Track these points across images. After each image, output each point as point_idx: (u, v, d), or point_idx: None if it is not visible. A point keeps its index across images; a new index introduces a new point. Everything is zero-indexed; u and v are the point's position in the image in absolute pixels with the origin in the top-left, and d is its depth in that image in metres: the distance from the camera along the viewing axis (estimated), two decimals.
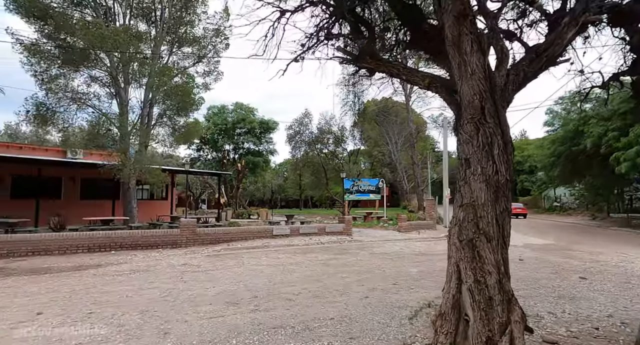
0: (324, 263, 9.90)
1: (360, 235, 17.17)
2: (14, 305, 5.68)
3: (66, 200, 18.21)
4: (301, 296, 6.32)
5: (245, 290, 6.76)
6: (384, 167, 39.92)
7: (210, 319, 5.06)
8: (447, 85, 4.59)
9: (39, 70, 15.81)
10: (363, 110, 15.28)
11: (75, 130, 18.24)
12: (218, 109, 40.12)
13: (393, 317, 5.14)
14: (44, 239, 11.36)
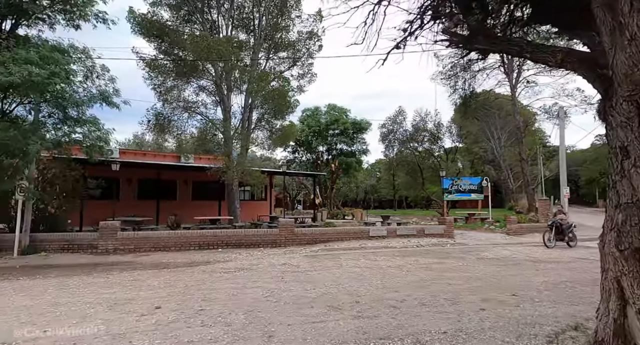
0: (427, 267, 9.24)
1: (463, 237, 15.93)
2: (139, 298, 6.17)
3: (180, 201, 20.04)
4: (406, 304, 5.84)
5: (345, 293, 6.50)
6: (486, 165, 36.94)
7: (313, 323, 4.87)
8: (588, 58, 3.77)
9: (157, 83, 17.61)
10: (462, 104, 14.11)
11: (187, 136, 19.99)
12: (312, 111, 41.05)
13: (520, 336, 4.41)
14: (163, 237, 12.51)
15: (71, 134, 11.45)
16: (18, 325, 4.68)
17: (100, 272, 8.65)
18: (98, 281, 7.61)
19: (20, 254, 11.07)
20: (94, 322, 4.83)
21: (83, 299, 6.01)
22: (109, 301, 5.89)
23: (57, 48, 10.87)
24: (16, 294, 6.51)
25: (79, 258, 10.98)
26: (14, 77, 9.13)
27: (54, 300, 5.96)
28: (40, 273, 8.65)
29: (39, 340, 4.15)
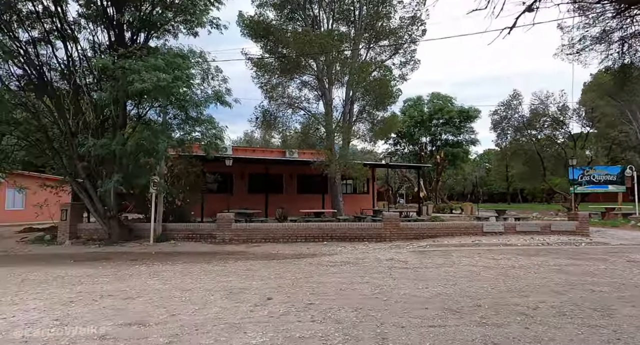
0: (559, 269, 7.99)
1: (601, 236, 13.67)
2: (252, 287, 6.35)
3: (287, 195, 20.84)
4: (540, 312, 5.00)
5: (463, 295, 5.85)
6: (628, 151, 31.41)
7: (430, 328, 4.40)
8: None
9: (263, 82, 18.47)
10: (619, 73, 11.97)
11: (291, 132, 20.65)
12: (413, 101, 39.53)
13: None
14: (272, 229, 13.02)
15: (191, 132, 12.53)
16: (151, 308, 5.09)
17: (218, 261, 9.25)
18: (216, 269, 8.11)
19: (155, 242, 12.50)
20: (212, 309, 5.03)
21: (204, 286, 6.39)
22: (226, 289, 6.16)
23: (179, 54, 11.93)
24: (151, 278, 7.22)
25: (200, 247, 11.99)
26: (146, 84, 10.23)
27: (180, 286, 6.44)
28: (170, 259, 9.59)
29: (168, 323, 4.42)
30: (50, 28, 13.05)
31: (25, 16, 12.65)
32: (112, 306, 5.14)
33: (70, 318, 4.59)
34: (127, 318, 4.60)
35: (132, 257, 10.17)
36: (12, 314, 4.77)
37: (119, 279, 7.12)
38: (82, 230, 13.88)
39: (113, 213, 12.81)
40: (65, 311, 4.89)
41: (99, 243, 12.58)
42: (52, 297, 5.67)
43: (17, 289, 6.28)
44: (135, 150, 11.31)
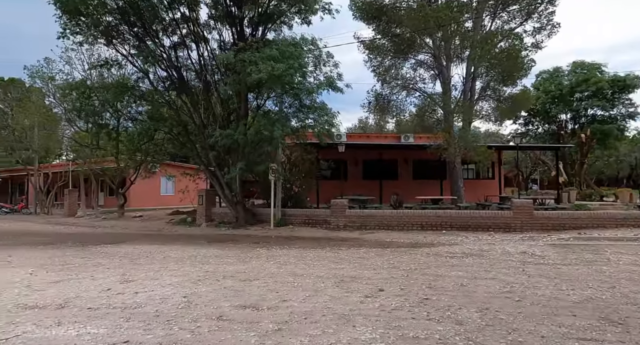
0: None
1: None
2: (363, 277, 6.10)
3: (401, 181, 20.08)
4: None
5: (626, 302, 4.69)
6: None
7: (582, 341, 3.55)
8: None
9: (376, 64, 17.94)
10: None
11: (406, 115, 19.76)
12: (549, 73, 34.48)
13: None
14: (386, 215, 12.61)
15: (305, 120, 12.78)
16: (265, 291, 5.20)
17: (332, 247, 9.25)
18: (329, 255, 8.08)
19: (274, 226, 13.19)
20: (322, 297, 4.91)
21: (315, 273, 6.36)
22: (337, 277, 6.01)
23: (292, 43, 12.18)
24: (268, 261, 7.52)
25: (315, 232, 12.23)
26: (262, 74, 10.67)
27: (294, 271, 6.53)
28: (287, 244, 9.94)
29: (279, 309, 4.42)
30: (186, 32, 14.55)
31: (167, 24, 14.31)
32: (231, 287, 5.39)
33: (196, 296, 4.93)
34: (243, 300, 4.75)
35: (255, 240, 10.84)
36: (152, 288, 5.33)
37: (241, 260, 7.56)
38: (215, 214, 15.41)
39: (239, 198, 13.88)
40: (193, 289, 5.29)
41: (228, 226, 13.78)
42: (185, 275, 6.24)
43: (160, 265, 7.09)
44: (254, 139, 11.98)
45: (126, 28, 13.94)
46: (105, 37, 13.95)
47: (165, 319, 3.99)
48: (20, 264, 7.26)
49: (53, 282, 5.64)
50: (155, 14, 13.43)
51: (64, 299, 4.75)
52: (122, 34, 14.16)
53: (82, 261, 7.55)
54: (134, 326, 3.77)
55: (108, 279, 5.89)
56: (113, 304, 4.55)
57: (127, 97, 14.97)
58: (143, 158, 17.99)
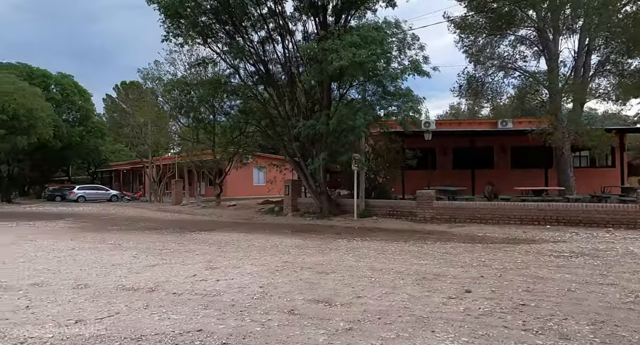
0: None
1: None
2: (448, 275, 5.60)
3: (497, 170, 18.41)
4: None
5: None
6: None
7: None
8: None
9: (467, 44, 16.56)
10: None
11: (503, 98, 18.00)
12: None
13: None
14: (479, 208, 11.62)
15: (388, 107, 12.27)
16: (340, 286, 5.03)
17: (415, 240, 8.75)
18: (412, 249, 7.63)
19: (358, 217, 13.00)
20: (400, 295, 4.57)
21: (395, 268, 6.01)
22: (418, 274, 5.59)
23: (374, 27, 11.72)
24: (347, 253, 7.34)
25: (400, 224, 11.75)
26: (343, 61, 10.44)
27: (373, 265, 6.25)
28: (369, 236, 9.67)
29: (352, 306, 4.21)
30: (273, 26, 14.93)
31: (255, 20, 14.82)
32: (307, 280, 5.32)
33: (272, 287, 4.94)
34: (317, 294, 4.62)
35: (337, 231, 10.76)
36: (232, 276, 5.50)
37: (320, 252, 7.50)
38: (300, 204, 15.73)
39: (322, 189, 13.94)
40: (270, 279, 5.32)
41: (312, 216, 13.94)
42: (265, 264, 6.35)
43: (243, 254, 7.35)
44: (336, 128, 11.84)
45: (218, 26, 14.75)
46: (201, 37, 14.91)
47: (239, 309, 4.03)
48: (129, 248, 8.09)
49: (150, 266, 6.14)
50: (244, 11, 13.95)
51: (155, 282, 5.11)
52: (215, 33, 15.01)
53: (177, 247, 8.18)
54: (210, 315, 3.86)
55: (196, 265, 6.23)
56: (195, 290, 4.76)
57: (220, 93, 15.93)
58: (235, 150, 19.06)
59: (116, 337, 3.25)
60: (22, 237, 9.69)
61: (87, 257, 6.99)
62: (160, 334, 3.34)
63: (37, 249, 7.87)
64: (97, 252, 7.48)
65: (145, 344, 3.14)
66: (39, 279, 5.30)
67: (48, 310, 3.98)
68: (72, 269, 5.92)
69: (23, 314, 3.87)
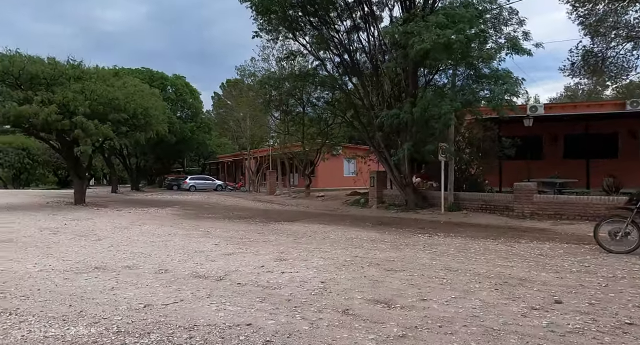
0: None
1: None
2: (537, 280, 4.88)
3: (622, 159, 15.68)
4: None
5: None
6: None
7: None
8: None
9: (582, 14, 14.33)
10: None
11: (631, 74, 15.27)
12: None
13: None
14: (592, 203, 10.05)
15: (479, 91, 11.16)
16: (406, 286, 4.69)
17: (507, 239, 7.87)
18: (500, 249, 6.84)
19: (446, 211, 12.19)
20: (472, 301, 4.07)
21: (474, 269, 5.42)
22: (500, 278, 4.96)
23: (463, 3, 10.72)
24: (423, 250, 6.87)
25: (493, 220, 10.71)
26: (425, 44, 9.75)
27: (449, 264, 5.73)
28: (455, 231, 8.97)
29: (413, 310, 3.87)
30: (360, 15, 14.62)
31: (342, 10, 14.69)
32: (372, 277, 5.07)
33: (333, 283, 4.80)
34: (378, 294, 4.36)
35: (420, 225, 10.20)
36: (298, 269, 5.49)
37: (395, 247, 7.15)
38: (386, 196, 15.31)
39: (408, 180, 13.35)
40: (333, 275, 5.19)
41: (397, 208, 13.46)
42: (332, 258, 6.24)
43: (316, 246, 7.34)
44: (421, 116, 11.16)
45: (305, 19, 14.92)
46: (289, 31, 15.25)
47: (294, 305, 3.97)
48: (215, 235, 8.66)
49: (225, 255, 6.46)
50: (331, 0, 13.86)
51: (225, 271, 5.34)
52: (302, 26, 15.23)
53: (257, 236, 8.51)
54: (264, 309, 3.86)
55: (267, 255, 6.38)
56: (259, 281, 4.84)
57: (307, 85, 16.20)
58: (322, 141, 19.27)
59: (172, 325, 3.42)
60: (134, 223, 11.03)
61: (177, 243, 7.63)
62: (212, 325, 3.43)
63: (141, 234, 8.86)
64: (187, 239, 8.14)
65: (196, 334, 3.24)
66: (132, 262, 5.91)
67: (127, 292, 4.38)
68: (160, 254, 6.50)
69: (107, 294, 4.32)
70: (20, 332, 3.27)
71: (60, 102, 15.06)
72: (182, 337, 3.16)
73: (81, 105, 15.27)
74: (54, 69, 16.20)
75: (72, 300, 4.09)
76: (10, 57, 15.41)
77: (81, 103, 15.33)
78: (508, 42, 10.81)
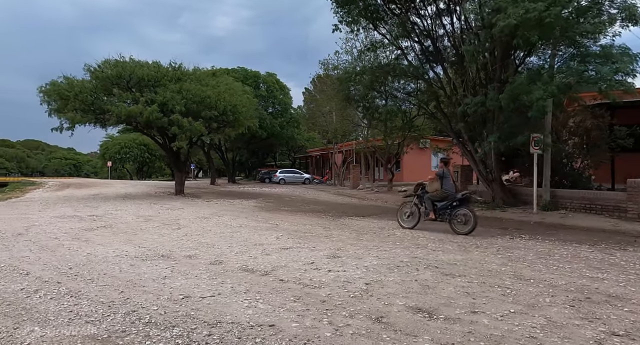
0: None
1: None
2: (629, 299, 3.97)
3: None
4: None
5: None
6: None
7: None
8: None
9: None
10: None
11: None
12: None
13: None
14: None
15: (582, 72, 9.54)
16: (459, 294, 4.15)
17: (609, 245, 6.66)
18: (594, 257, 5.76)
19: (539, 210, 10.80)
20: (535, 318, 3.40)
21: (551, 279, 4.59)
22: (582, 292, 4.11)
23: None
24: (496, 253, 6.08)
25: (598, 221, 9.18)
26: (510, 19, 8.63)
27: (520, 271, 4.94)
28: (544, 234, 7.89)
29: (457, 323, 3.38)
30: None
31: None
32: (424, 281, 4.59)
33: (378, 286, 4.44)
34: (423, 301, 3.91)
35: (504, 225, 9.17)
36: (347, 268, 5.20)
37: (462, 248, 6.45)
38: (472, 192, 14.11)
39: (494, 175, 12.11)
40: (382, 276, 4.82)
41: (482, 206, 12.29)
42: (389, 257, 5.84)
43: (378, 243, 6.98)
44: (508, 103, 9.96)
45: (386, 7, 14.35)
46: (370, 21, 14.82)
47: (326, 307, 3.75)
48: (282, 229, 8.77)
49: (282, 249, 6.46)
50: None
51: (273, 266, 5.31)
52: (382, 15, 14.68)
53: (321, 231, 8.40)
54: (294, 309, 3.71)
55: (322, 251, 6.22)
56: (302, 279, 4.71)
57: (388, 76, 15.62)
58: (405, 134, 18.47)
59: (199, 320, 3.44)
60: (215, 213, 11.75)
61: (243, 235, 7.87)
62: (235, 323, 3.37)
63: (215, 225, 9.36)
64: (253, 231, 8.36)
65: (216, 331, 3.21)
66: (194, 252, 6.23)
67: (175, 282, 4.58)
68: (222, 245, 6.74)
69: (157, 283, 4.56)
70: (68, 315, 3.58)
71: (161, 101, 16.67)
72: (202, 334, 3.15)
73: (178, 104, 16.74)
74: (157, 71, 17.98)
75: (126, 286, 4.39)
76: (123, 64, 17.48)
77: (178, 102, 16.79)
78: (622, 11, 9.05)
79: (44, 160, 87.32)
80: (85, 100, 15.75)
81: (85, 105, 15.94)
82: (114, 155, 56.12)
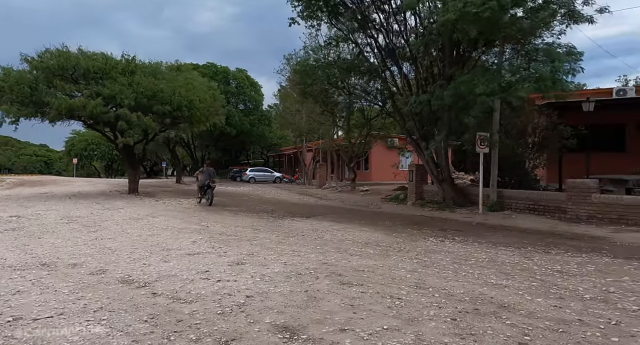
0: None
1: None
2: (522, 309, 3.61)
3: None
4: None
5: None
6: None
7: None
8: None
9: None
10: None
11: None
12: None
13: None
14: None
15: (524, 70, 9.33)
16: (343, 309, 3.72)
17: (536, 248, 6.43)
18: (511, 261, 5.44)
19: (485, 210, 10.59)
20: (403, 337, 3.00)
21: (451, 288, 4.20)
22: (474, 302, 3.73)
23: None
24: (414, 258, 5.70)
25: (539, 223, 8.99)
26: (449, 14, 8.31)
27: (424, 279, 4.56)
28: (479, 236, 7.62)
29: (322, 341, 2.94)
30: None
31: None
32: (314, 292, 4.14)
33: (260, 299, 3.98)
34: (296, 318, 3.46)
35: (445, 226, 8.86)
36: (238, 278, 4.76)
37: (383, 253, 6.05)
38: (426, 192, 13.87)
39: (445, 175, 11.86)
40: (271, 287, 4.36)
41: (433, 206, 12.05)
42: (297, 263, 5.39)
43: (295, 248, 6.53)
44: (452, 102, 9.67)
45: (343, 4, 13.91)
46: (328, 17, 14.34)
47: (176, 329, 3.20)
48: (209, 231, 8.21)
49: (187, 255, 5.92)
50: None
51: (160, 276, 4.76)
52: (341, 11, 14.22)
53: (248, 234, 7.89)
54: (135, 332, 3.19)
55: (230, 257, 5.68)
56: (178, 292, 4.18)
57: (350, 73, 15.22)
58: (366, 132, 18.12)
59: None
60: (152, 214, 11.05)
61: (159, 239, 7.20)
62: None
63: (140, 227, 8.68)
64: (175, 234, 7.73)
65: None
66: (84, 259, 5.62)
67: (26, 298, 4.00)
68: (124, 251, 6.10)
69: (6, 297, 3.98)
70: None
71: (107, 95, 15.80)
72: None
73: (127, 97, 15.90)
74: (105, 63, 17.07)
75: None
76: (66, 54, 16.48)
77: (127, 96, 15.95)
78: (562, 7, 8.86)
79: (12, 156, 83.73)
80: (22, 91, 14.75)
81: (23, 98, 14.95)
82: (81, 151, 54.04)
